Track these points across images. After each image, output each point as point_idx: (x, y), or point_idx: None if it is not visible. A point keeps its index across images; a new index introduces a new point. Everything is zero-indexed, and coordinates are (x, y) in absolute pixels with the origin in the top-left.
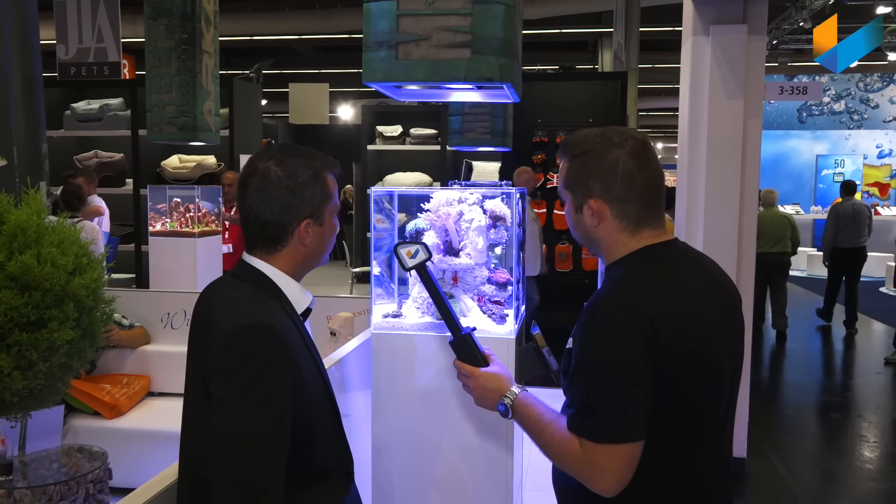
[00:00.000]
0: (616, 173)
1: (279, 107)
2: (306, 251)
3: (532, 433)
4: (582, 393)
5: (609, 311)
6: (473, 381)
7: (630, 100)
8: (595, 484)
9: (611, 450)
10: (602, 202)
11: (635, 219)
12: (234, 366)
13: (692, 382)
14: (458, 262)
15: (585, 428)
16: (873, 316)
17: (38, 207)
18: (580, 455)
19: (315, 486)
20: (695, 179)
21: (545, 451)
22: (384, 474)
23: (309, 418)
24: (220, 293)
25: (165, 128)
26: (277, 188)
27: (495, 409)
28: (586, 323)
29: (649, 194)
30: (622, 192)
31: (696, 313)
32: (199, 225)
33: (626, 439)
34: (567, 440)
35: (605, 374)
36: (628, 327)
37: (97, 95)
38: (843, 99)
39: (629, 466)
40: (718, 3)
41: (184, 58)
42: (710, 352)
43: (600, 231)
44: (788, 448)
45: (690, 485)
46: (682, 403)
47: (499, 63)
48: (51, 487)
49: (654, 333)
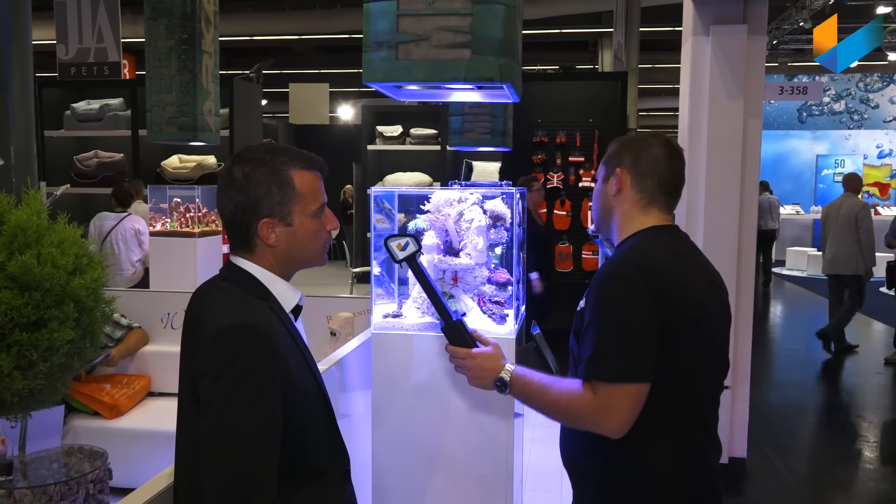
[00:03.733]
0: (647, 152)
1: (279, 107)
2: (276, 251)
3: (536, 398)
4: (596, 340)
5: (621, 269)
6: (470, 361)
7: (630, 100)
8: (605, 424)
9: (622, 389)
10: (626, 173)
11: (650, 195)
12: (221, 367)
13: (696, 343)
14: (458, 262)
15: (599, 370)
16: (873, 316)
17: (38, 207)
18: (591, 400)
19: (309, 485)
20: (695, 179)
21: (553, 412)
22: (384, 474)
23: (300, 417)
24: (208, 294)
25: (165, 128)
26: (231, 188)
27: (491, 387)
28: (599, 281)
29: (669, 179)
30: (646, 168)
31: (697, 289)
32: (199, 225)
33: (636, 379)
34: (576, 391)
35: (618, 321)
36: (639, 283)
37: (97, 95)
38: (844, 99)
39: (636, 407)
40: (718, 3)
41: (184, 58)
42: (709, 321)
43: (618, 200)
44: (788, 448)
45: (687, 427)
46: (685, 355)
47: (499, 63)
48: (51, 487)
49: (661, 293)
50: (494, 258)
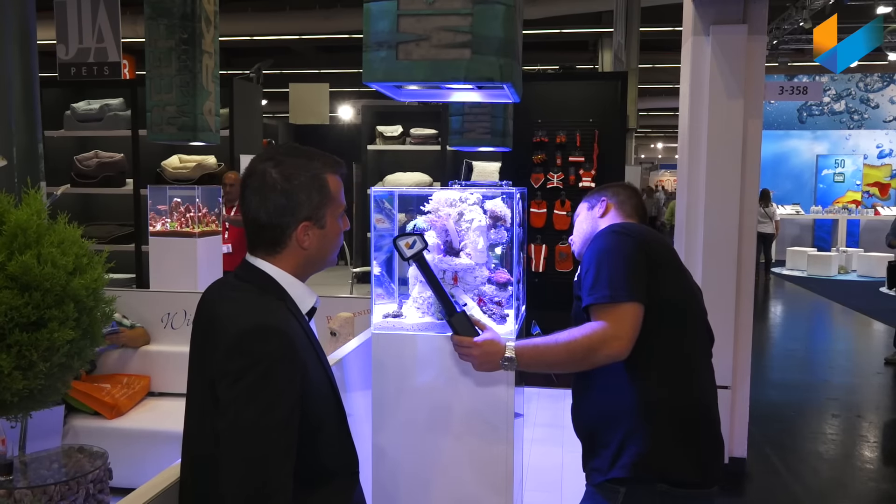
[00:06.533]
0: (621, 190)
1: (279, 107)
2: (306, 253)
3: (547, 355)
4: (596, 275)
5: (610, 231)
6: (476, 349)
7: (630, 100)
8: (614, 344)
9: (622, 309)
10: (609, 201)
11: (628, 214)
12: (242, 368)
13: (681, 285)
14: (459, 262)
15: (600, 294)
16: (873, 316)
17: (39, 207)
18: (595, 327)
19: (321, 489)
20: (695, 179)
21: (567, 359)
22: (385, 474)
23: (315, 419)
24: (225, 294)
25: (165, 128)
26: (272, 191)
27: (498, 367)
28: (592, 242)
29: (641, 208)
30: (623, 199)
31: (675, 257)
32: (199, 225)
33: (633, 299)
34: (581, 329)
35: (613, 258)
36: (628, 236)
37: (97, 95)
38: (844, 99)
39: (636, 326)
40: (718, 3)
41: (184, 58)
42: (688, 281)
43: (604, 220)
44: (788, 448)
45: (682, 361)
46: (674, 292)
47: (499, 63)
48: (51, 487)
49: (646, 245)
50: (494, 258)
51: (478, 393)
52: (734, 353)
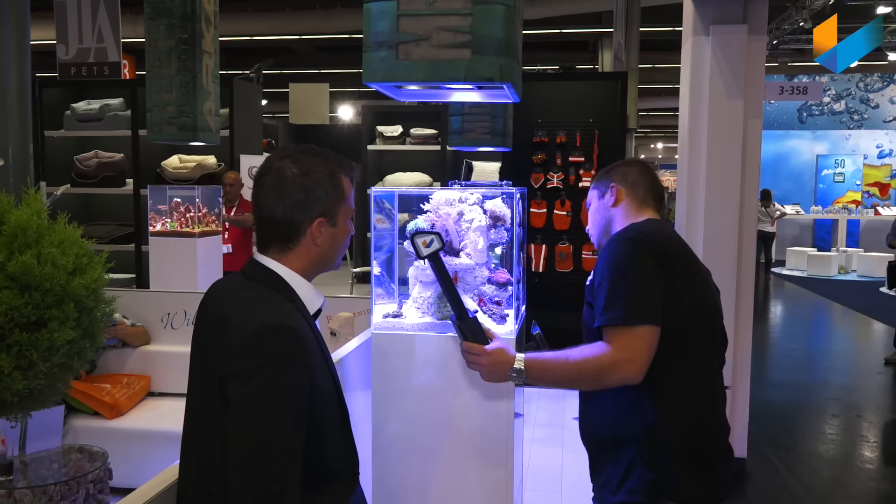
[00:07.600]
0: (631, 169)
1: (279, 107)
2: (318, 251)
3: (557, 371)
4: (609, 293)
5: (626, 235)
6: (485, 357)
7: (630, 100)
8: (627, 367)
9: (637, 332)
10: (620, 187)
11: (642, 199)
12: (254, 368)
13: (698, 293)
14: (458, 262)
15: (615, 315)
16: (873, 316)
17: (38, 207)
18: (608, 349)
19: (326, 489)
20: (695, 179)
21: (577, 377)
22: (384, 474)
23: (321, 420)
24: (234, 293)
25: (165, 128)
26: (291, 185)
27: (507, 378)
28: (606, 249)
29: (655, 186)
30: (635, 180)
31: (693, 260)
32: (199, 225)
33: (647, 321)
34: (593, 348)
35: (628, 274)
36: (644, 245)
37: (97, 95)
38: (844, 99)
39: (651, 349)
40: (718, 3)
41: (184, 58)
42: (707, 287)
43: (616, 209)
44: (788, 448)
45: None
46: (690, 306)
47: (499, 63)
48: (51, 487)
49: (663, 256)
50: (494, 258)
51: (478, 393)
52: (734, 353)
